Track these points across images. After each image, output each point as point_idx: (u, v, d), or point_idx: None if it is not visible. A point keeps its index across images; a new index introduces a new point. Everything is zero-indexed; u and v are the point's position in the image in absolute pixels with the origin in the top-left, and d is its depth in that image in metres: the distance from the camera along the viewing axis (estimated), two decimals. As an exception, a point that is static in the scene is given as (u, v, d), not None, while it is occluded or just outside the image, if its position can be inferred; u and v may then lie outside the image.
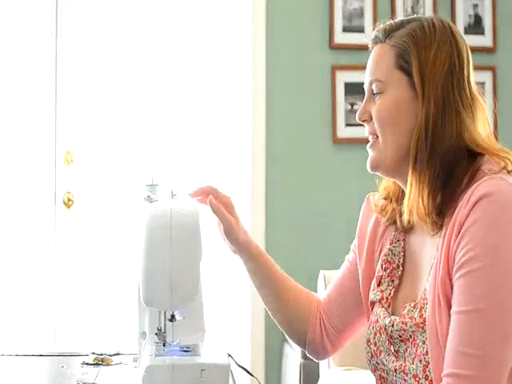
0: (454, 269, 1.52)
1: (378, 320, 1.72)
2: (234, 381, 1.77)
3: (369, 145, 1.69)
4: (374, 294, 1.76)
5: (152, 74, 4.19)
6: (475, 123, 1.66)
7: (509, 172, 1.59)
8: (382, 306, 1.73)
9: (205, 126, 4.24)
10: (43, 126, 4.10)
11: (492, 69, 4.33)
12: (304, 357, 3.63)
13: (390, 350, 1.67)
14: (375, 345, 1.71)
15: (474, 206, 1.51)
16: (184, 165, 4.19)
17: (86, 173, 4.14)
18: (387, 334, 1.67)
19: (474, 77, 1.68)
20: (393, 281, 1.73)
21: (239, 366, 1.83)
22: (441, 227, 1.59)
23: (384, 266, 1.75)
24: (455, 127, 1.61)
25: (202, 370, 1.58)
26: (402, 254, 1.73)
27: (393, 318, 1.67)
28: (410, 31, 1.64)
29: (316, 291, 3.49)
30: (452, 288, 1.53)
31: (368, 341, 1.74)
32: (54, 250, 4.09)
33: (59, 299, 4.08)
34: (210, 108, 4.24)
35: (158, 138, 4.20)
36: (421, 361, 1.58)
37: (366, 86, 1.70)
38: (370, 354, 1.73)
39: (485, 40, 4.33)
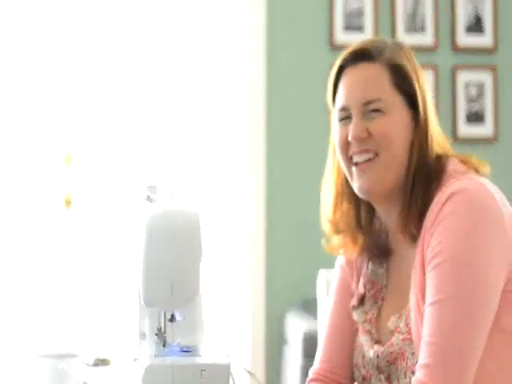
0: (426, 265, 1.54)
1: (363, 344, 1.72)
2: (234, 381, 1.76)
3: (361, 167, 1.63)
4: (357, 314, 1.74)
5: (151, 74, 4.19)
6: (441, 131, 1.71)
7: (476, 171, 1.62)
8: (366, 332, 1.71)
9: (205, 126, 4.23)
10: (43, 127, 4.10)
11: (492, 69, 4.33)
12: (304, 356, 3.63)
13: (381, 380, 1.65)
14: (364, 367, 1.70)
15: (444, 204, 1.53)
16: (184, 165, 4.19)
17: (86, 173, 4.13)
18: (373, 365, 1.66)
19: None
20: (376, 302, 1.72)
21: (239, 366, 1.82)
22: (418, 233, 1.59)
23: (368, 287, 1.74)
24: (437, 135, 1.67)
25: (202, 370, 1.58)
26: (384, 275, 1.72)
27: (376, 348, 1.66)
28: (399, 51, 1.67)
29: (315, 291, 3.49)
30: None
31: (356, 364, 1.73)
32: (53, 250, 4.09)
33: (59, 300, 4.08)
34: (210, 108, 4.23)
35: (157, 138, 4.19)
36: (413, 372, 1.56)
37: (353, 105, 1.65)
38: (360, 378, 1.71)
39: (485, 40, 4.33)
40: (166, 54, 4.21)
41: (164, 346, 1.67)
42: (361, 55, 1.67)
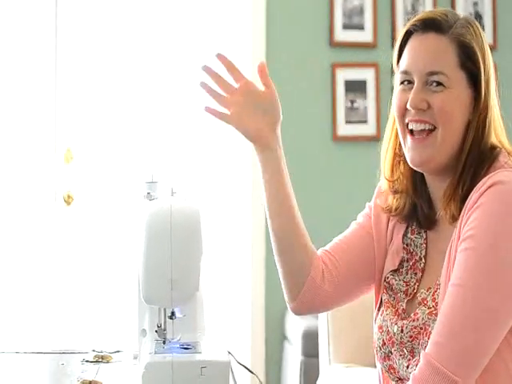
0: (458, 245, 1.56)
1: (389, 307, 1.72)
2: (234, 378, 1.77)
3: (418, 139, 1.64)
4: (395, 280, 1.74)
5: (151, 71, 4.19)
6: (501, 120, 1.71)
7: None
8: (391, 305, 1.71)
9: (205, 124, 4.23)
10: (43, 123, 4.10)
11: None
12: (304, 354, 3.63)
13: (405, 352, 1.66)
14: (388, 333, 1.69)
15: (485, 191, 1.55)
16: (184, 162, 4.19)
17: (86, 170, 4.14)
18: (397, 340, 1.67)
19: None
20: (416, 274, 1.72)
21: (239, 363, 1.83)
22: (459, 215, 1.61)
23: (406, 256, 1.75)
24: (496, 123, 1.68)
25: (202, 367, 1.58)
26: (424, 246, 1.73)
27: (400, 323, 1.66)
28: (469, 28, 1.66)
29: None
30: None
31: (380, 327, 1.72)
32: (53, 247, 4.09)
33: (59, 297, 4.08)
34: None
35: (157, 135, 4.20)
36: None
37: (415, 72, 1.65)
38: (381, 341, 1.71)
39: (485, 38, 4.32)
40: (166, 52, 4.21)
41: (164, 342, 1.67)
42: (430, 25, 1.65)
